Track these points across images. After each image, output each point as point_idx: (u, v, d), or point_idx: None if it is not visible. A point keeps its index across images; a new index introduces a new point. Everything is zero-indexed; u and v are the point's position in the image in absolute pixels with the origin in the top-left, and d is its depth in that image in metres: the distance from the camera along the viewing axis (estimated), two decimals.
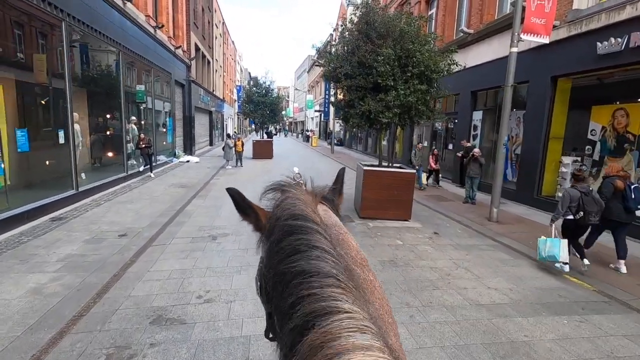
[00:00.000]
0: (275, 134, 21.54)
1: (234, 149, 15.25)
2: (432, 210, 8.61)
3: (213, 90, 27.53)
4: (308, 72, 61.28)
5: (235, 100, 39.70)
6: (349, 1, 33.97)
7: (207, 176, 12.30)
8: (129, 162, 11.61)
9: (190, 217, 7.08)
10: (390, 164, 7.89)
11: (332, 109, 40.17)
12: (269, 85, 20.80)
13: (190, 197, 8.82)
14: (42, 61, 6.74)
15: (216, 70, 29.48)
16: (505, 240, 6.30)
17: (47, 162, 7.00)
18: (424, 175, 11.59)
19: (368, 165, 7.92)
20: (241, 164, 15.70)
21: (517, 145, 9.96)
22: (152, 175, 11.57)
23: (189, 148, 18.90)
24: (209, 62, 25.60)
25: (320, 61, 7.59)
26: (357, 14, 7.23)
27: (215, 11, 28.71)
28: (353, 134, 31.08)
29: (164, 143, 15.22)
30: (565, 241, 4.80)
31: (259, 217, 0.84)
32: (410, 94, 6.41)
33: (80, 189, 7.74)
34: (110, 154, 10.10)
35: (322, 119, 44.98)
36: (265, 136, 21.69)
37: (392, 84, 6.41)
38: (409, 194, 7.30)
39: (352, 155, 24.59)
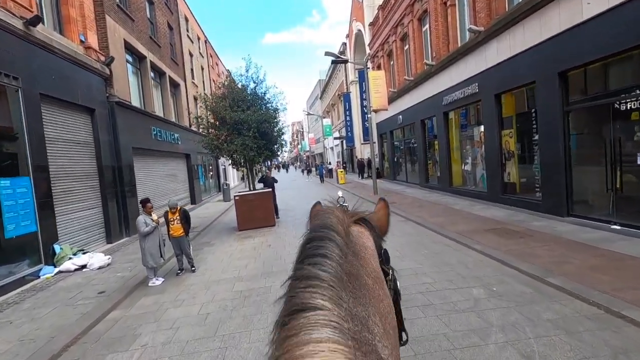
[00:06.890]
0: (284, 174, 11.01)
1: (156, 234, 5.98)
2: None
3: (191, 125, 19.32)
4: (320, 97, 53.75)
5: None
6: None
7: None
8: None
9: None
10: None
11: (356, 132, 31.11)
12: (254, 87, 10.42)
13: None
14: None
15: (195, 99, 21.47)
16: None
17: None
18: None
19: None
20: (191, 266, 6.55)
21: None
22: None
23: (118, 229, 10.03)
24: (176, 85, 17.52)
25: None
26: None
27: (188, 20, 21.19)
28: (396, 160, 21.59)
29: (13, 239, 6.40)
30: None
31: None
32: None
33: None
34: None
35: (345, 147, 36.06)
36: (263, 183, 12.37)
37: None
38: None
39: (411, 195, 14.86)
